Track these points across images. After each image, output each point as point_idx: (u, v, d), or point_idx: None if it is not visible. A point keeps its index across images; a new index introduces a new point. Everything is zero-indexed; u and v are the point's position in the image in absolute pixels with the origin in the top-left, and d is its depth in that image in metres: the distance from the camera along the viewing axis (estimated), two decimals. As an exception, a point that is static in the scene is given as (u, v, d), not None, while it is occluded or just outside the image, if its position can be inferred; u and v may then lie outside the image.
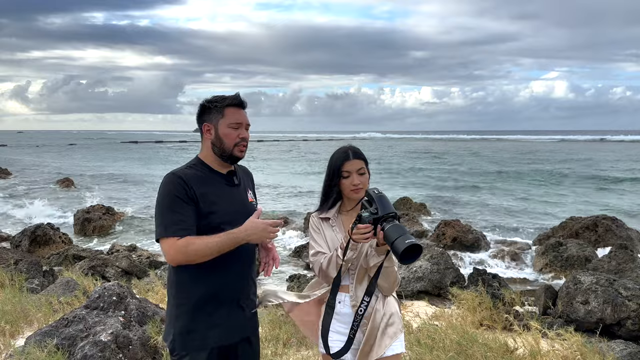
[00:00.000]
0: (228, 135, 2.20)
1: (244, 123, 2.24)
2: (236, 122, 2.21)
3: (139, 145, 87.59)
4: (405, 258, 1.98)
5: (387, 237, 2.05)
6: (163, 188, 2.14)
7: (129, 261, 9.65)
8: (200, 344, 2.15)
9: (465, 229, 11.97)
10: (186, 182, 2.11)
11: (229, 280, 2.20)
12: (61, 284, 6.55)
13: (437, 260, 8.42)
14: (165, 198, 2.12)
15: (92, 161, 46.22)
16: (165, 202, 2.11)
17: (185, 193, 2.10)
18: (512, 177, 29.72)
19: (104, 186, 25.78)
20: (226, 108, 2.21)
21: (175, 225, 2.07)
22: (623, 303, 6.48)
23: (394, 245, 2.00)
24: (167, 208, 2.10)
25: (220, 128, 2.21)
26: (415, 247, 1.97)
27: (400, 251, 1.96)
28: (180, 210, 2.08)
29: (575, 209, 17.53)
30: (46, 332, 4.06)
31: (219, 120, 2.21)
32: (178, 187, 2.10)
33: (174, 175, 2.15)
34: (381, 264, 2.25)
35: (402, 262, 2.01)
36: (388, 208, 2.10)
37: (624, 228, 11.01)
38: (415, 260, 2.01)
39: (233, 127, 2.20)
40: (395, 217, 2.10)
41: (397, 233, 2.01)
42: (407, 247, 1.95)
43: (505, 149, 67.58)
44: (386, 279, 2.29)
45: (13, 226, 14.94)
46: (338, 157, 2.37)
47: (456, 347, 4.16)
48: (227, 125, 2.20)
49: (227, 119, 2.20)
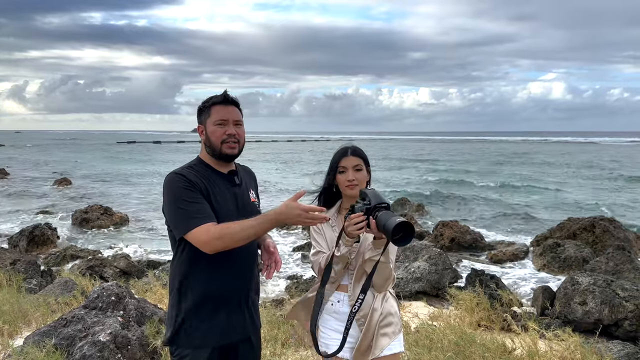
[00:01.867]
0: (214, 133, 2.20)
1: (231, 119, 2.21)
2: (221, 119, 2.20)
3: (138, 146, 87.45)
4: (398, 238, 1.97)
5: (378, 223, 2.05)
6: (168, 187, 2.13)
7: (127, 261, 9.65)
8: (201, 343, 2.16)
9: (463, 229, 11.98)
10: (189, 179, 2.12)
11: (230, 281, 2.20)
12: (59, 284, 6.55)
13: (435, 261, 8.43)
14: (176, 194, 2.10)
15: (90, 161, 46.15)
16: (178, 198, 2.09)
17: (191, 184, 2.10)
18: (510, 178, 29.77)
19: (102, 186, 25.75)
20: (212, 107, 2.22)
21: (200, 214, 2.05)
22: (620, 304, 6.50)
23: (386, 227, 2.00)
24: (182, 202, 2.08)
25: (208, 127, 2.22)
26: (406, 224, 1.96)
27: (391, 228, 1.96)
28: (195, 199, 2.08)
29: (574, 209, 17.57)
30: (45, 332, 4.06)
31: (206, 119, 2.22)
32: (184, 182, 2.11)
33: (174, 174, 2.16)
34: (377, 261, 2.26)
35: (396, 243, 2.00)
36: (380, 199, 2.12)
37: (622, 229, 11.03)
38: (409, 242, 2.00)
39: (219, 124, 2.20)
40: (387, 208, 2.11)
41: (388, 217, 2.02)
42: (397, 224, 1.94)
43: (504, 150, 67.69)
44: (380, 274, 2.29)
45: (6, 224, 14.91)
46: (337, 154, 2.42)
47: (454, 348, 4.17)
48: (212, 123, 2.20)
49: (212, 117, 2.21)
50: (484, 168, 37.57)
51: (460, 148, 76.04)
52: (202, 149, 2.28)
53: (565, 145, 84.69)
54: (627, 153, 58.94)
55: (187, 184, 2.10)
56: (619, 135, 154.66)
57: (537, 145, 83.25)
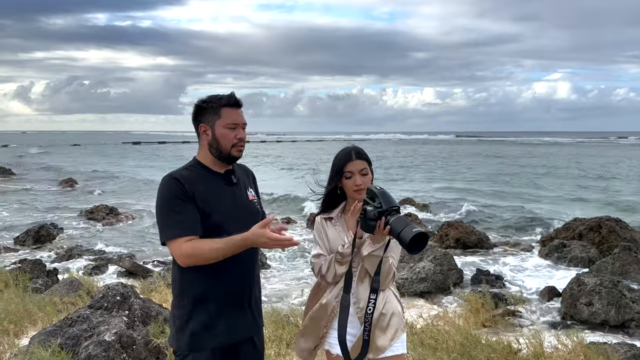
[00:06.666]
0: (225, 136, 2.19)
1: (241, 123, 2.22)
2: (233, 123, 2.19)
3: (142, 146, 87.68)
4: (413, 248, 2.03)
5: (392, 230, 2.09)
6: (161, 191, 2.14)
7: (132, 261, 9.68)
8: (203, 344, 2.16)
9: (469, 230, 11.94)
10: (183, 183, 2.10)
11: (232, 281, 2.20)
12: (65, 284, 6.57)
13: (440, 262, 8.41)
14: (164, 200, 2.12)
15: (96, 161, 46.30)
16: (165, 205, 2.11)
17: (184, 192, 2.09)
18: (515, 179, 29.65)
19: (107, 186, 25.84)
20: (222, 108, 2.19)
21: (179, 226, 2.07)
22: (627, 304, 6.46)
23: (401, 236, 2.04)
24: (167, 210, 2.10)
25: (216, 129, 2.19)
26: (422, 235, 2.01)
27: (407, 240, 2.01)
28: (181, 209, 2.08)
29: (578, 209, 17.47)
30: (50, 331, 4.07)
31: (215, 121, 2.19)
32: (176, 188, 2.10)
33: (170, 177, 2.14)
34: (380, 257, 2.25)
35: (411, 252, 2.05)
36: (391, 201, 2.15)
37: (628, 229, 10.96)
38: (422, 249, 2.06)
39: (230, 127, 2.19)
40: (398, 211, 2.15)
41: (402, 224, 2.06)
42: (414, 236, 1.99)
43: (509, 150, 67.46)
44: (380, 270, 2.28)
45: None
46: (341, 157, 2.38)
47: (459, 348, 4.16)
48: (223, 126, 2.19)
49: (223, 119, 2.19)
50: (487, 169, 37.44)
51: (465, 149, 75.81)
52: (200, 149, 2.25)
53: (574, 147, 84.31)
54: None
55: (178, 192, 2.10)
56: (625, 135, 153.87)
57: (544, 147, 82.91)
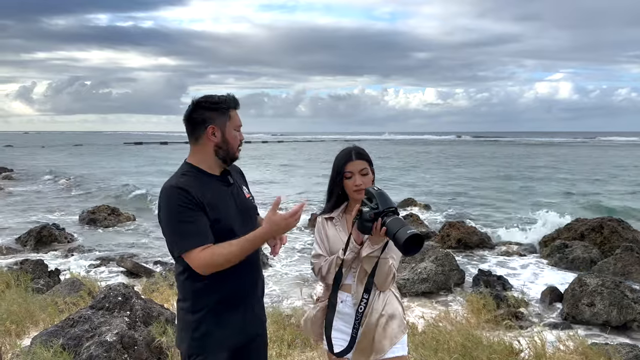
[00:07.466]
0: (235, 138, 2.20)
1: (240, 124, 2.26)
2: (239, 125, 2.22)
3: (145, 147, 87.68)
4: (408, 249, 2.02)
5: (388, 231, 2.08)
6: (167, 202, 2.09)
7: (134, 261, 9.69)
8: (217, 347, 2.17)
9: (470, 230, 11.93)
10: (190, 192, 2.06)
11: (241, 285, 2.21)
12: (66, 284, 6.58)
13: (441, 262, 8.41)
14: (172, 212, 2.07)
15: (99, 162, 46.34)
16: (174, 216, 2.06)
17: (192, 202, 2.05)
18: (518, 179, 29.61)
19: (109, 186, 25.85)
20: (230, 110, 2.19)
21: (193, 237, 2.04)
22: (629, 305, 6.45)
23: (396, 237, 2.03)
24: (176, 221, 2.05)
25: (227, 131, 2.17)
26: (417, 237, 2.00)
27: (402, 241, 2.00)
28: (192, 219, 2.04)
29: (580, 210, 17.44)
30: (52, 332, 4.08)
31: (225, 123, 2.17)
32: (181, 197, 2.05)
33: (173, 187, 2.09)
34: (377, 257, 2.26)
35: (406, 253, 2.05)
36: (388, 203, 2.14)
37: (630, 230, 10.94)
38: (418, 251, 2.05)
39: (237, 130, 2.21)
40: (395, 212, 2.14)
41: (398, 225, 2.05)
42: (409, 237, 1.99)
43: (511, 150, 67.38)
44: (379, 271, 2.28)
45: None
46: (341, 157, 2.39)
47: (461, 349, 4.16)
48: (234, 128, 2.19)
49: (233, 121, 2.19)
50: (488, 170, 37.41)
51: (467, 150, 75.76)
52: (197, 152, 2.20)
53: (574, 147, 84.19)
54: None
55: (186, 201, 2.05)
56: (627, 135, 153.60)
57: (545, 147, 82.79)
